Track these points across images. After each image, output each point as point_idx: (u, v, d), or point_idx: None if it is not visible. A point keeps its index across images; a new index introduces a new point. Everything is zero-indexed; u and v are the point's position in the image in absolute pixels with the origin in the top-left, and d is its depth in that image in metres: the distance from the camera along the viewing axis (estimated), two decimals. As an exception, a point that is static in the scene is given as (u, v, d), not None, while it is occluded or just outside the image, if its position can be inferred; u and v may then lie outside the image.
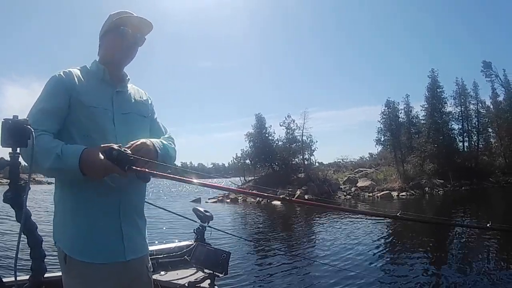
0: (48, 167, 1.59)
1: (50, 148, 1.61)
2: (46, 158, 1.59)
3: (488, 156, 41.25)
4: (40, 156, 1.57)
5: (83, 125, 1.77)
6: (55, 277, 2.20)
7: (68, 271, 1.73)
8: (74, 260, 1.70)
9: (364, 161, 49.29)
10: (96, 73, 1.91)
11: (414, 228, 14.60)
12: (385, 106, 41.38)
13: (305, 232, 14.95)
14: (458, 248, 10.60)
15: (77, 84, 1.81)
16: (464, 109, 42.82)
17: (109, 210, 1.78)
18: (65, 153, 1.60)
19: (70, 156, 1.60)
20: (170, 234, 10.40)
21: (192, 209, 2.36)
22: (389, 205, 24.72)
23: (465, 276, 7.57)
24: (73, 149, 1.62)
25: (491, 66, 43.50)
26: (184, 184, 71.62)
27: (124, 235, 1.82)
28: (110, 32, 1.93)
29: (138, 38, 1.96)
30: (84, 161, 1.59)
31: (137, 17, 1.93)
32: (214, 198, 33.58)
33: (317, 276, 7.52)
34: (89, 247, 1.72)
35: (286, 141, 40.22)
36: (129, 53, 1.97)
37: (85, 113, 1.78)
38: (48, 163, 1.58)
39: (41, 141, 1.59)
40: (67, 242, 1.74)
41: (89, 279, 1.69)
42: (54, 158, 1.58)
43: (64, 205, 1.77)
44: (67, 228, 1.75)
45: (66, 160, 1.59)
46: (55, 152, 1.59)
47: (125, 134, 1.85)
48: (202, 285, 2.35)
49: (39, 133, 1.61)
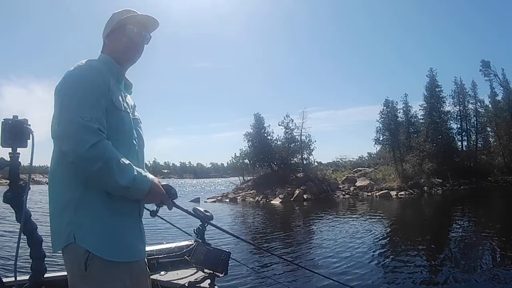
0: (124, 185, 1.62)
1: (128, 167, 1.65)
2: (125, 175, 1.62)
3: (487, 156, 41.11)
4: (118, 172, 1.60)
5: (113, 127, 1.72)
6: (55, 277, 2.20)
7: (90, 273, 1.62)
8: (100, 260, 1.63)
9: (362, 160, 49.29)
10: (113, 72, 1.85)
11: (412, 228, 14.66)
12: (383, 105, 41.32)
13: (305, 231, 14.97)
14: (455, 248, 10.60)
15: (110, 83, 1.76)
16: (462, 109, 42.76)
17: (134, 211, 1.80)
18: (139, 178, 1.69)
19: (143, 182, 1.71)
20: (170, 234, 10.37)
21: (192, 209, 2.35)
22: (387, 205, 24.75)
23: (463, 275, 7.59)
24: (144, 176, 1.72)
25: (489, 65, 43.47)
26: (182, 185, 71.84)
27: (142, 234, 1.87)
28: (116, 31, 1.90)
29: (145, 36, 1.95)
30: (152, 190, 1.74)
31: (142, 15, 1.91)
32: (213, 198, 33.60)
33: (316, 275, 7.51)
34: (121, 246, 1.70)
35: (285, 141, 40.13)
36: (136, 52, 1.95)
37: (116, 115, 1.75)
38: (124, 182, 1.62)
39: (115, 153, 1.62)
40: (98, 241, 1.65)
41: (113, 279, 1.66)
42: (131, 179, 1.64)
43: (92, 203, 1.67)
44: (97, 227, 1.66)
45: (139, 185, 1.68)
46: (133, 174, 1.66)
47: (138, 138, 1.91)
48: (202, 285, 2.35)
49: (110, 144, 1.63)
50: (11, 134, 1.79)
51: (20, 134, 1.81)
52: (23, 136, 1.81)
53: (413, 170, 35.73)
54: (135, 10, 1.93)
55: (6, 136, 1.79)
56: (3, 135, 1.78)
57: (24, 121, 1.83)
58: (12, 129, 1.79)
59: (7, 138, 1.79)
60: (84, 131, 1.54)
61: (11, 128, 1.79)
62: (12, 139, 1.80)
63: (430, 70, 42.98)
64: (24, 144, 1.83)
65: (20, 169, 1.90)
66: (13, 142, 1.81)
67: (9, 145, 1.82)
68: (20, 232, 1.79)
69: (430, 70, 43.03)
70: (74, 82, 1.67)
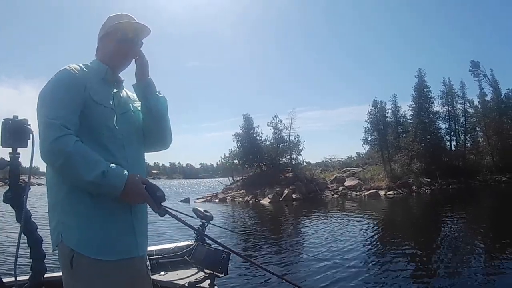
0: (89, 181, 1.58)
1: (94, 161, 1.61)
2: (89, 171, 1.57)
3: (476, 155, 41.53)
4: (81, 167, 1.57)
5: (93, 123, 1.74)
6: (55, 277, 2.19)
7: (76, 271, 1.65)
8: (85, 259, 1.64)
9: (351, 160, 49.51)
10: (98, 72, 1.89)
11: (401, 226, 14.78)
12: (372, 105, 41.59)
13: (296, 230, 15.01)
14: (443, 246, 10.70)
15: (89, 80, 1.79)
16: (451, 109, 43.16)
17: (122, 207, 1.76)
18: (111, 173, 1.62)
19: (116, 177, 1.63)
20: (170, 234, 10.37)
21: (192, 209, 2.37)
22: (376, 204, 24.87)
23: (451, 272, 7.66)
24: (118, 171, 1.65)
25: (479, 65, 44.00)
26: (172, 185, 71.67)
27: (136, 231, 1.82)
28: (110, 35, 1.93)
29: (136, 42, 1.98)
30: (128, 186, 1.64)
31: (135, 23, 1.94)
32: (202, 198, 33.60)
33: (315, 274, 7.56)
34: (105, 244, 1.69)
35: (274, 141, 40.23)
36: (127, 58, 1.98)
37: (96, 111, 1.77)
38: (90, 177, 1.57)
39: (81, 149, 1.60)
40: (80, 239, 1.66)
41: (101, 277, 1.66)
42: (99, 174, 1.58)
43: (75, 202, 1.69)
44: (80, 226, 1.68)
45: (110, 180, 1.61)
46: (101, 168, 1.59)
47: (127, 133, 1.88)
48: (202, 285, 2.36)
49: (76, 139, 1.61)
50: (11, 134, 1.79)
51: (20, 134, 1.81)
52: (23, 136, 1.82)
53: (401, 169, 36.03)
54: (130, 15, 1.97)
55: (6, 136, 1.79)
56: (3, 135, 1.78)
57: (24, 121, 1.83)
58: (12, 129, 1.79)
59: (7, 138, 1.79)
60: (48, 129, 1.59)
61: (11, 128, 1.79)
62: (12, 139, 1.81)
63: (419, 71, 43.38)
64: (24, 144, 1.84)
65: (20, 170, 1.91)
66: (13, 142, 1.82)
67: (9, 145, 1.82)
68: (20, 232, 1.79)
69: (419, 70, 43.42)
70: (47, 87, 1.73)
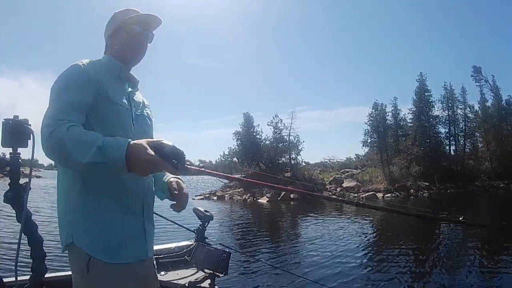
0: (87, 161, 1.39)
1: (89, 140, 1.42)
2: (84, 151, 1.39)
3: (475, 160, 41.50)
4: (75, 150, 1.41)
5: (107, 121, 1.70)
6: (56, 277, 2.20)
7: (92, 275, 1.61)
8: (101, 263, 1.62)
9: (350, 161, 49.62)
10: (112, 69, 1.85)
11: (399, 225, 14.79)
12: (372, 108, 41.58)
13: (290, 230, 15.04)
14: (442, 245, 10.78)
15: (102, 77, 1.74)
16: (451, 113, 43.07)
17: (135, 209, 1.76)
18: (108, 145, 1.41)
19: (115, 148, 1.40)
20: (170, 234, 10.37)
21: (192, 209, 2.37)
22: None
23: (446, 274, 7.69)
24: (117, 141, 1.43)
25: (481, 71, 43.88)
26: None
27: (146, 233, 1.81)
28: (120, 30, 1.89)
29: (148, 35, 1.94)
30: (131, 154, 1.39)
31: (145, 14, 1.90)
32: (201, 195, 33.64)
33: (314, 274, 7.60)
34: (119, 247, 1.67)
35: (274, 141, 40.26)
36: (140, 52, 1.95)
37: (111, 109, 1.72)
38: (87, 157, 1.39)
39: (73, 133, 1.45)
40: (94, 242, 1.63)
41: (117, 281, 1.64)
42: (95, 151, 1.39)
43: (87, 202, 1.65)
44: (92, 228, 1.65)
45: (110, 153, 1.39)
46: (96, 144, 1.40)
47: (141, 135, 1.76)
48: (202, 285, 2.37)
49: (70, 124, 1.47)
50: (11, 134, 1.79)
51: (20, 134, 1.80)
52: (24, 136, 1.81)
53: (400, 172, 36.01)
54: (136, 10, 1.92)
55: (7, 136, 1.79)
56: (3, 135, 1.78)
57: (24, 121, 1.83)
58: (13, 129, 1.78)
59: (7, 138, 1.79)
60: (46, 127, 1.51)
61: (11, 128, 1.79)
62: (13, 140, 1.80)
63: (420, 75, 43.28)
64: (25, 144, 1.83)
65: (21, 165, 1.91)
66: (14, 143, 1.81)
67: (10, 146, 1.81)
68: (20, 232, 1.80)
69: (420, 74, 43.34)
70: (56, 84, 1.68)
